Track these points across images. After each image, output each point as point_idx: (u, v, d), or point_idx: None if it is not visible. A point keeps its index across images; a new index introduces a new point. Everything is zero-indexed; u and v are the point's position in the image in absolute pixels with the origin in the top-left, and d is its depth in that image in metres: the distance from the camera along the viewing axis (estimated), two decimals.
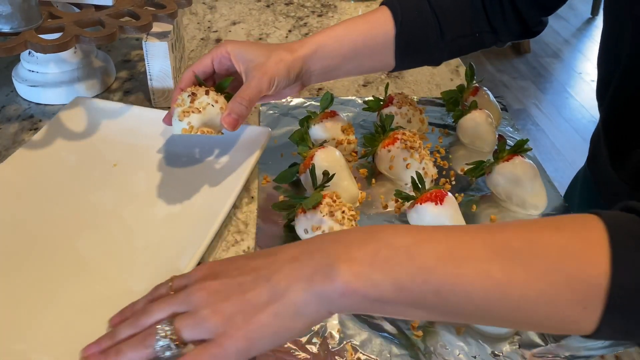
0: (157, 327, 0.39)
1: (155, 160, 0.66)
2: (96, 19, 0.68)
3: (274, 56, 0.59)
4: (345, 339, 0.48)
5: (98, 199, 0.61)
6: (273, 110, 0.76)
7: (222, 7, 1.06)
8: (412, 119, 0.71)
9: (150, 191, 0.62)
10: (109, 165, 0.65)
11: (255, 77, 0.58)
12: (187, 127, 0.57)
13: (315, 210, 0.54)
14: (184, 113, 0.57)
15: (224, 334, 0.37)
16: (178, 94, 0.60)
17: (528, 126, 2.44)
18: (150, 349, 0.38)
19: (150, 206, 0.60)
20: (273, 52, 0.59)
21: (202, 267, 0.42)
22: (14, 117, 0.74)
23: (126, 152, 0.67)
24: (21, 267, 0.53)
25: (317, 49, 0.61)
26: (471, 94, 0.74)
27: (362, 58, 0.64)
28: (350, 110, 0.77)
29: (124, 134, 0.69)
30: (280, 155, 0.68)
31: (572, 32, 3.17)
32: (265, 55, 0.59)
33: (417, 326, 0.50)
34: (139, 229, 0.58)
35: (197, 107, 0.57)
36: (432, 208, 0.57)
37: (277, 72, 0.58)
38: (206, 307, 0.38)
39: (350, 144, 0.67)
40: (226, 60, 0.61)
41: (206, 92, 0.59)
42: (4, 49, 0.60)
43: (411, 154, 0.63)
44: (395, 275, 0.35)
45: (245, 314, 0.37)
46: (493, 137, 0.70)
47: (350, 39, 0.63)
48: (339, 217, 0.54)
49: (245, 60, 0.59)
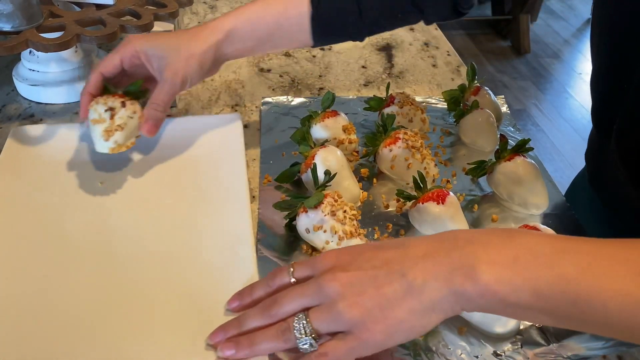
0: (294, 322, 0.40)
1: (138, 178, 0.62)
2: (97, 18, 0.68)
3: (183, 50, 0.58)
4: None
5: (107, 236, 0.55)
6: (274, 109, 0.76)
7: (222, 7, 1.06)
8: (414, 118, 0.71)
9: (154, 219, 0.57)
10: (95, 191, 0.61)
11: (167, 80, 0.58)
12: (115, 146, 0.58)
13: (317, 209, 0.54)
14: (108, 133, 0.57)
15: (362, 328, 0.38)
16: (88, 101, 0.59)
17: (528, 126, 2.44)
18: (290, 343, 0.40)
19: (164, 236, 0.56)
20: (182, 44, 0.59)
21: (327, 256, 0.42)
22: (15, 116, 0.74)
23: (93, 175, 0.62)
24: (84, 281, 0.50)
25: (229, 34, 0.61)
26: (472, 94, 0.74)
27: (276, 39, 0.64)
28: (352, 109, 0.77)
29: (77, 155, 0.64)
30: (281, 154, 0.68)
31: (572, 32, 3.17)
32: (175, 50, 0.58)
33: None
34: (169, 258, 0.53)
35: (120, 125, 0.58)
36: (434, 207, 0.56)
37: (188, 70, 0.58)
38: (342, 300, 0.38)
39: (351, 143, 0.67)
40: (136, 59, 0.60)
41: (122, 104, 0.59)
42: (5, 48, 0.60)
43: (413, 154, 0.63)
44: (534, 282, 0.36)
45: (383, 309, 0.38)
46: (494, 136, 0.70)
47: (263, 21, 0.62)
48: (340, 216, 0.54)
49: (156, 57, 0.59)
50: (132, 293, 0.49)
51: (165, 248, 0.54)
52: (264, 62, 0.89)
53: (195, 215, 0.58)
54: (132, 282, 0.50)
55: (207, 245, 0.55)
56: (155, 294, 0.49)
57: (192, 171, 0.63)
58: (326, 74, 0.87)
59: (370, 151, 0.67)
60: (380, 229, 0.59)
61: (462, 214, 0.58)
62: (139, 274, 0.51)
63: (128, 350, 0.45)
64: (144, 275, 0.51)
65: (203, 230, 0.56)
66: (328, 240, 0.53)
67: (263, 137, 0.71)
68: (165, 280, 0.51)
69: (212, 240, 0.55)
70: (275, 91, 0.82)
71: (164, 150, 0.66)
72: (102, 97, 0.60)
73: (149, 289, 0.50)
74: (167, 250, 0.54)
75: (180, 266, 0.52)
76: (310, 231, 0.54)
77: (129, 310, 0.48)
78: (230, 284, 0.49)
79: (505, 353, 0.48)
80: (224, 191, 0.61)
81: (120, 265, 0.52)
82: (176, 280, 0.51)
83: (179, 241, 0.55)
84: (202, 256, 0.53)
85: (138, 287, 0.50)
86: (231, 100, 0.79)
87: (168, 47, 0.59)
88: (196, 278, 0.51)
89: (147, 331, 0.46)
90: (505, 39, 3.08)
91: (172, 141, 0.66)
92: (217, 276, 0.51)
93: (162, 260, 0.53)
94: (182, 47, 0.58)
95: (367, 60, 0.91)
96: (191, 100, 0.79)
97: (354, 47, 0.94)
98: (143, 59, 0.59)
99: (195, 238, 0.55)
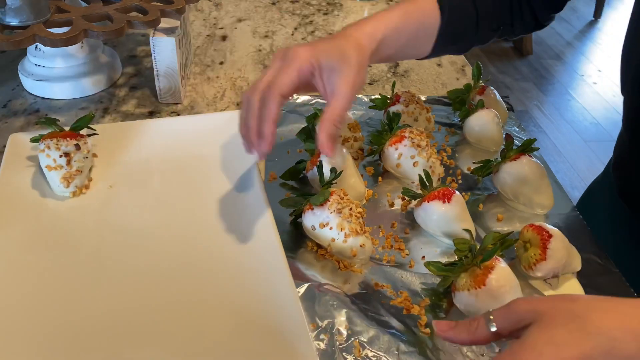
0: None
1: (148, 179, 0.61)
2: (104, 13, 0.68)
3: (354, 61, 0.53)
4: (353, 336, 0.48)
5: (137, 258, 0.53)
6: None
7: (227, 4, 1.06)
8: (419, 117, 0.71)
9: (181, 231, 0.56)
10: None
11: (345, 94, 0.52)
12: (76, 190, 0.58)
13: (323, 207, 0.54)
14: (67, 180, 0.57)
15: None
16: (275, 130, 0.52)
17: (530, 128, 2.44)
18: None
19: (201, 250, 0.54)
20: (351, 54, 0.53)
21: (542, 313, 0.38)
22: (20, 111, 0.74)
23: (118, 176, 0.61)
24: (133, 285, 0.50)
25: (380, 43, 0.57)
26: (478, 93, 0.74)
27: (410, 48, 0.63)
28: (357, 108, 0.77)
29: None
30: (286, 152, 0.68)
31: (575, 34, 3.17)
32: (346, 61, 0.52)
33: (424, 324, 0.50)
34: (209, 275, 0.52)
35: (78, 169, 0.57)
36: (439, 206, 0.57)
37: (361, 81, 0.54)
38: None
39: (357, 141, 0.67)
40: (309, 73, 0.53)
41: (77, 147, 0.58)
42: (13, 42, 0.60)
43: (418, 152, 0.63)
44: None
45: None
46: (500, 136, 0.70)
47: (407, 30, 0.60)
48: (346, 213, 0.54)
49: (327, 69, 0.52)
50: (155, 298, 0.49)
51: (185, 252, 0.54)
52: (268, 60, 0.89)
53: (214, 218, 0.57)
54: (157, 288, 0.50)
55: (232, 248, 0.54)
56: (188, 302, 0.49)
57: (202, 171, 0.63)
58: None
59: (375, 149, 0.67)
60: (385, 227, 0.59)
61: (468, 213, 0.58)
62: (162, 280, 0.51)
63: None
64: (171, 283, 0.51)
65: (224, 231, 0.56)
66: (334, 237, 0.54)
67: None
68: (194, 287, 0.50)
69: (236, 245, 0.54)
70: None
71: (170, 150, 0.65)
72: (51, 139, 0.58)
73: (177, 296, 0.50)
74: (187, 255, 0.54)
75: (208, 274, 0.52)
76: (316, 228, 0.54)
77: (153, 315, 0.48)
78: (266, 290, 0.49)
79: None
80: (239, 192, 0.60)
81: (135, 269, 0.51)
82: (207, 287, 0.50)
83: (200, 246, 0.54)
84: (228, 260, 0.53)
85: (164, 293, 0.50)
86: (236, 98, 0.79)
87: (339, 58, 0.52)
88: (229, 284, 0.51)
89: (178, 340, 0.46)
90: (508, 40, 3.08)
91: (179, 140, 0.65)
92: (251, 280, 0.50)
93: (187, 266, 0.52)
94: (352, 58, 0.53)
95: None
96: (196, 97, 0.79)
97: None
98: (316, 72, 0.53)
99: (218, 241, 0.55)
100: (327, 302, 0.51)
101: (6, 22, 0.63)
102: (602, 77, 2.78)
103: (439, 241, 0.58)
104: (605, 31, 3.20)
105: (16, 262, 0.51)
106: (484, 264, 0.49)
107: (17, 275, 0.50)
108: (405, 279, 0.54)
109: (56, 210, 0.57)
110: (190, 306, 0.49)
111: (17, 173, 0.59)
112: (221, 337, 0.46)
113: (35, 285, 0.49)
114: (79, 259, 0.52)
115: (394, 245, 0.57)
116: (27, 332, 0.46)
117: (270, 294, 0.49)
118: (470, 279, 0.49)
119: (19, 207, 0.56)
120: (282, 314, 0.47)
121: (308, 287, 0.52)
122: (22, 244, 0.53)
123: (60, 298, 0.49)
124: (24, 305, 0.48)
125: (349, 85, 0.51)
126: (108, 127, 0.66)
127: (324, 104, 0.69)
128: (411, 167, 0.63)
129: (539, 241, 0.53)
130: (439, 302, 0.52)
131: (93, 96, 0.78)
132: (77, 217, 0.57)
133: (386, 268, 0.55)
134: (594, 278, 0.55)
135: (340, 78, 0.52)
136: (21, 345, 0.45)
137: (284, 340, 0.45)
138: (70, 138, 0.59)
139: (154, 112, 0.76)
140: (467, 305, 0.49)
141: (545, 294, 0.53)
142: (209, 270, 0.52)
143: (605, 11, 3.34)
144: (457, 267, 0.50)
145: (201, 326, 0.47)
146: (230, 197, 0.59)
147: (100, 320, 0.47)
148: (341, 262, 0.54)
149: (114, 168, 0.62)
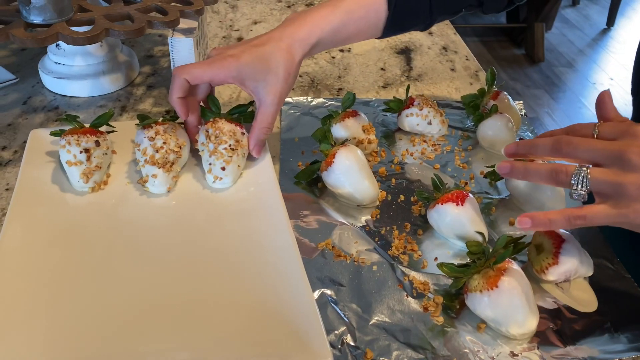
0: (575, 170, 0.41)
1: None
2: (125, 13, 0.69)
3: (281, 71, 0.57)
4: (363, 345, 0.49)
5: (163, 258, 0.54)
6: (294, 109, 0.77)
7: (243, 7, 1.07)
8: (433, 120, 0.71)
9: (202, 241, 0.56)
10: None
11: (272, 103, 0.59)
12: (94, 186, 0.59)
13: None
14: (86, 175, 0.58)
15: (633, 204, 0.39)
16: (182, 103, 0.59)
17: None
18: (562, 185, 0.43)
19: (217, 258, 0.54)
20: (278, 64, 0.57)
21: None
22: (40, 108, 0.76)
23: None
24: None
25: (314, 46, 0.61)
26: (492, 98, 0.75)
27: (350, 40, 0.66)
28: (370, 110, 0.78)
29: None
30: (301, 152, 0.69)
31: (587, 42, 3.16)
32: (273, 72, 0.57)
33: (438, 314, 0.51)
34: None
35: (97, 165, 0.58)
36: (452, 209, 0.57)
37: (288, 88, 0.60)
38: (634, 173, 0.39)
39: (370, 143, 0.68)
40: (225, 80, 0.59)
41: (96, 144, 0.59)
42: (37, 40, 0.61)
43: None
44: None
45: None
46: (513, 141, 0.71)
47: (345, 30, 0.63)
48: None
49: (251, 80, 0.58)
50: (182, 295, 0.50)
51: (201, 249, 0.54)
52: None
53: (230, 215, 0.58)
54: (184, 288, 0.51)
55: (247, 246, 0.55)
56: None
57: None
58: (345, 75, 0.88)
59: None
60: (398, 229, 0.60)
61: (481, 216, 0.58)
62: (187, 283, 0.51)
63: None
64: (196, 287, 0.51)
65: (240, 229, 0.56)
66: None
67: (283, 135, 0.72)
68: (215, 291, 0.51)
69: (251, 243, 0.55)
70: (294, 91, 0.83)
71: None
72: (72, 135, 0.59)
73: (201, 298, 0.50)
74: (203, 252, 0.54)
75: (223, 271, 0.52)
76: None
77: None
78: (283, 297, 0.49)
79: (521, 354, 0.48)
80: (254, 189, 0.60)
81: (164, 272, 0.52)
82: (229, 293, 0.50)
83: (215, 243, 0.55)
84: (244, 258, 0.53)
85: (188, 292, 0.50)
86: (252, 98, 0.80)
87: (264, 69, 0.57)
88: (244, 282, 0.51)
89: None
90: (520, 47, 3.07)
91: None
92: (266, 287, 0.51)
93: (202, 263, 0.53)
94: (279, 68, 0.57)
95: (385, 63, 0.92)
96: None
97: (372, 49, 0.95)
98: (238, 83, 0.59)
99: (234, 238, 0.55)
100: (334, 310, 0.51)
101: (30, 20, 0.65)
102: (614, 85, 2.77)
103: (451, 243, 0.59)
104: (618, 39, 3.19)
105: (35, 254, 0.52)
106: (497, 265, 0.49)
107: (35, 267, 0.51)
108: (418, 279, 0.54)
109: (75, 204, 0.58)
110: (204, 303, 0.49)
111: (37, 168, 0.60)
112: (235, 333, 0.47)
113: (52, 278, 0.50)
114: (97, 253, 0.53)
115: (406, 246, 0.58)
116: (43, 323, 0.47)
117: (285, 292, 0.50)
118: (483, 281, 0.49)
119: (39, 201, 0.57)
120: (297, 311, 0.48)
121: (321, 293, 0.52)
122: (41, 236, 0.54)
123: (77, 291, 0.50)
124: (41, 297, 0.49)
125: (275, 95, 0.58)
126: (127, 124, 0.67)
127: (338, 106, 0.71)
128: None
129: (551, 245, 0.53)
130: (450, 303, 0.52)
131: (111, 94, 0.79)
132: (95, 212, 0.58)
133: (401, 268, 0.55)
134: (606, 283, 0.55)
135: (265, 88, 0.57)
136: (37, 336, 0.45)
137: (299, 338, 0.46)
138: (91, 134, 0.60)
139: (170, 111, 0.77)
140: (479, 307, 0.50)
141: (556, 297, 0.53)
142: (224, 268, 0.53)
143: (618, 19, 3.33)
144: (470, 268, 0.51)
145: (215, 323, 0.48)
146: (246, 195, 0.60)
147: (115, 313, 0.48)
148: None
149: (131, 165, 0.63)
